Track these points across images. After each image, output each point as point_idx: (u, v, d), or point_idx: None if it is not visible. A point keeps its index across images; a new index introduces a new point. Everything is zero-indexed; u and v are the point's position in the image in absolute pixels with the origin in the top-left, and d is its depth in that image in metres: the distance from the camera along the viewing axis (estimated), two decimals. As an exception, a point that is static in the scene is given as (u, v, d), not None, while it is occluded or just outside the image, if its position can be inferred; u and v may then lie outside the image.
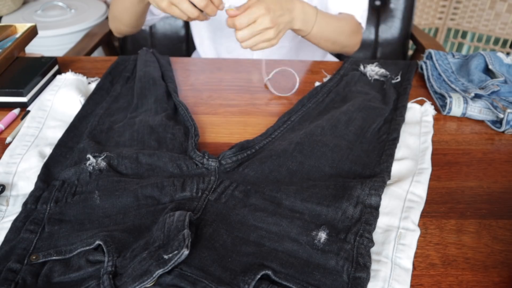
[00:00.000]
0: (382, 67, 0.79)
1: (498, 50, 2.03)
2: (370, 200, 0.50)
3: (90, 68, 0.84)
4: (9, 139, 0.63)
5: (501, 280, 0.44)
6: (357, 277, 0.42)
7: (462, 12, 2.04)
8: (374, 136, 0.64)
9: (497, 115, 0.68)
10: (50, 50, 1.62)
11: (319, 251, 0.44)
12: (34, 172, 0.56)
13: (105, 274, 0.40)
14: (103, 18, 1.74)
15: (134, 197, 0.51)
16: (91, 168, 0.54)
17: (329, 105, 0.71)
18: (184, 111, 0.67)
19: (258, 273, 0.41)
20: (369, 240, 0.46)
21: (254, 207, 0.50)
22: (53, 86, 0.74)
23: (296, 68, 0.85)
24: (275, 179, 0.55)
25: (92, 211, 0.50)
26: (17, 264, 0.43)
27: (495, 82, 0.72)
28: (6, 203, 0.53)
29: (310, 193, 0.50)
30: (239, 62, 0.88)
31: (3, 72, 0.75)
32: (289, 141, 0.60)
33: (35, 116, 0.67)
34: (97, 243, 0.44)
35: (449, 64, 0.81)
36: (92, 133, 0.63)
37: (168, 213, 0.45)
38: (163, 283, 0.40)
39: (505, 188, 0.57)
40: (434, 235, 0.49)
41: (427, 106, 0.70)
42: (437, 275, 0.45)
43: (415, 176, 0.56)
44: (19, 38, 0.81)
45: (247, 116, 0.71)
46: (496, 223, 0.51)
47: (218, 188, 0.52)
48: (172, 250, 0.40)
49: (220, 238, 0.46)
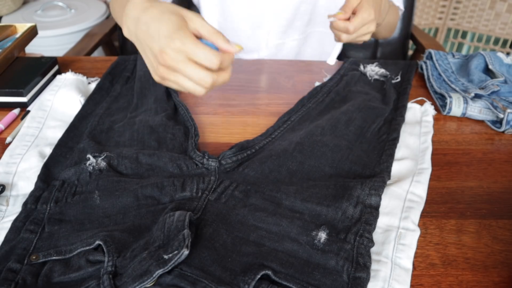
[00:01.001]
0: (382, 67, 0.79)
1: (498, 50, 2.03)
2: (370, 200, 0.50)
3: (90, 68, 0.84)
4: (9, 139, 0.63)
5: (501, 280, 0.44)
6: (357, 277, 0.42)
7: (462, 12, 2.04)
8: (374, 136, 0.64)
9: (497, 115, 0.68)
10: (50, 50, 1.62)
11: (319, 251, 0.44)
12: (34, 172, 0.56)
13: (105, 274, 0.40)
14: (103, 18, 1.75)
15: (134, 197, 0.51)
16: (91, 168, 0.54)
17: (329, 105, 0.71)
18: (184, 111, 0.67)
19: (258, 273, 0.41)
20: (369, 240, 0.46)
21: (254, 207, 0.50)
22: (53, 86, 0.74)
23: (296, 68, 0.86)
24: (275, 179, 0.55)
25: (92, 211, 0.50)
26: (17, 264, 0.43)
27: (495, 82, 0.72)
28: (6, 203, 0.53)
29: (310, 193, 0.50)
30: (239, 62, 0.88)
31: (3, 72, 0.75)
32: (289, 141, 0.60)
33: (35, 116, 0.67)
34: (97, 243, 0.44)
35: (449, 64, 0.81)
36: (92, 133, 0.63)
37: (168, 213, 0.45)
38: (163, 283, 0.40)
39: (505, 188, 0.57)
40: (434, 235, 0.49)
41: (427, 106, 0.70)
42: (437, 275, 0.45)
43: (415, 176, 0.56)
44: (19, 38, 0.81)
45: (247, 116, 0.71)
46: (496, 223, 0.51)
47: (218, 188, 0.52)
48: (172, 250, 0.40)
49: (220, 238, 0.46)
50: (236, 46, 0.50)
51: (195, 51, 0.46)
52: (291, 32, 0.97)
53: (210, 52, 0.47)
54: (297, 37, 0.98)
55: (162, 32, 0.48)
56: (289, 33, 0.97)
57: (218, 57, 0.47)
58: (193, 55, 0.47)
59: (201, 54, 0.46)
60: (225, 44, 0.50)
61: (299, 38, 0.98)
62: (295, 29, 0.96)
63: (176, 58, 0.47)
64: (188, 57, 0.47)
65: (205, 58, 0.47)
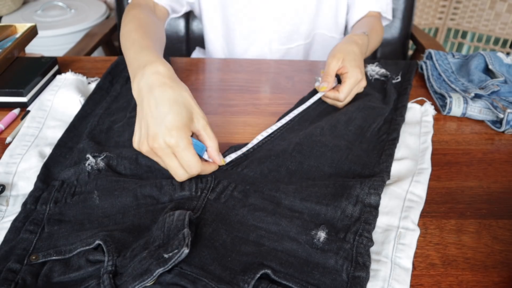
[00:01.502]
0: (383, 67, 0.79)
1: (498, 50, 2.03)
2: (369, 199, 0.50)
3: (90, 68, 0.84)
4: (9, 139, 0.63)
5: (501, 280, 0.44)
6: (356, 276, 0.42)
7: (462, 12, 2.04)
8: (374, 136, 0.64)
9: (497, 115, 0.68)
10: (50, 50, 1.62)
11: (318, 250, 0.44)
12: (34, 172, 0.56)
13: (105, 274, 0.40)
14: (103, 18, 1.75)
15: (133, 197, 0.51)
16: (90, 168, 0.54)
17: (329, 105, 0.71)
18: None
19: (258, 272, 0.41)
20: (368, 240, 0.46)
21: (254, 207, 0.50)
22: (53, 86, 0.74)
23: (296, 68, 0.86)
24: (274, 179, 0.55)
25: (92, 211, 0.50)
26: (17, 264, 0.43)
27: (495, 82, 0.72)
28: (6, 203, 0.53)
29: (309, 193, 0.50)
30: (239, 62, 0.88)
31: (3, 72, 0.75)
32: (288, 141, 0.60)
33: (35, 116, 0.67)
34: (97, 242, 0.44)
35: (449, 64, 0.81)
36: (91, 133, 0.63)
37: (168, 213, 0.45)
38: (163, 282, 0.40)
39: (505, 188, 0.57)
40: (434, 235, 0.49)
41: (427, 106, 0.70)
42: (437, 275, 0.45)
43: (415, 176, 0.56)
44: (19, 38, 0.81)
45: (247, 116, 0.71)
46: (496, 223, 0.51)
47: (217, 187, 0.52)
48: (172, 249, 0.40)
49: (219, 237, 0.46)
50: (222, 161, 0.54)
51: (183, 154, 0.49)
52: (296, 37, 0.96)
53: (195, 162, 0.49)
54: (303, 42, 0.97)
55: (166, 120, 0.49)
56: (294, 38, 0.96)
57: (198, 169, 0.50)
58: (180, 156, 0.49)
59: (186, 159, 0.49)
60: (216, 153, 0.53)
61: (305, 43, 0.98)
62: (300, 34, 0.95)
63: (164, 150, 0.49)
64: (174, 153, 0.49)
65: (187, 165, 0.49)
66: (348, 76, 0.68)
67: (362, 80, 0.69)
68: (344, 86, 0.67)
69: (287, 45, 0.96)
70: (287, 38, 0.95)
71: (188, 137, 0.49)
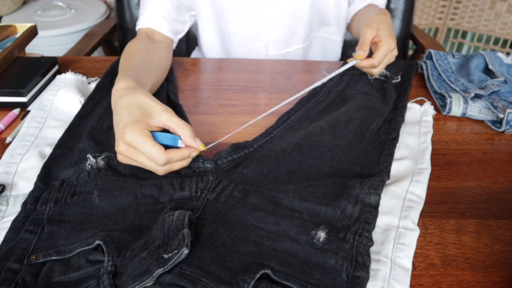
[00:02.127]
0: (382, 67, 0.79)
1: (498, 50, 2.03)
2: (369, 199, 0.50)
3: (90, 68, 0.84)
4: (9, 139, 0.63)
5: (501, 280, 0.44)
6: (356, 276, 0.42)
7: (462, 12, 2.04)
8: (374, 136, 0.64)
9: (497, 115, 0.68)
10: (50, 50, 1.62)
11: (318, 250, 0.44)
12: (34, 172, 0.56)
13: (105, 274, 0.40)
14: (103, 18, 1.75)
15: (133, 197, 0.51)
16: (89, 167, 0.54)
17: (329, 105, 0.71)
18: (181, 112, 0.67)
19: (258, 272, 0.41)
20: (368, 239, 0.46)
21: (253, 206, 0.50)
22: (53, 86, 0.74)
23: (296, 68, 0.86)
24: (274, 179, 0.55)
25: (92, 211, 0.50)
26: (17, 264, 0.43)
27: (495, 82, 0.72)
28: (6, 203, 0.53)
29: (309, 192, 0.50)
30: (239, 62, 0.88)
31: (3, 72, 0.75)
32: (288, 141, 0.60)
33: (35, 116, 0.67)
34: (96, 243, 0.44)
35: (449, 64, 0.81)
36: (92, 132, 0.63)
37: (168, 213, 0.45)
38: (162, 282, 0.40)
39: (505, 188, 0.57)
40: (434, 235, 0.49)
41: (427, 106, 0.70)
42: (437, 275, 0.45)
43: (415, 176, 0.56)
44: (19, 38, 0.81)
45: (247, 116, 0.71)
46: (496, 223, 0.51)
47: (217, 187, 0.52)
48: (172, 250, 0.40)
49: (219, 237, 0.46)
50: (200, 145, 0.53)
51: (142, 147, 0.50)
52: (294, 41, 0.95)
53: (155, 151, 0.50)
54: (301, 45, 0.97)
55: (121, 123, 0.51)
56: (292, 43, 0.95)
57: (163, 157, 0.50)
58: (142, 150, 0.50)
59: (147, 151, 0.50)
60: (190, 139, 0.53)
61: (303, 46, 0.97)
62: (298, 38, 0.95)
63: (129, 150, 0.51)
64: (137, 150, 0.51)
65: (151, 157, 0.50)
66: (382, 44, 0.71)
67: (394, 49, 0.73)
68: (378, 52, 0.71)
69: (285, 49, 0.96)
70: (285, 42, 0.95)
71: (144, 131, 0.50)
